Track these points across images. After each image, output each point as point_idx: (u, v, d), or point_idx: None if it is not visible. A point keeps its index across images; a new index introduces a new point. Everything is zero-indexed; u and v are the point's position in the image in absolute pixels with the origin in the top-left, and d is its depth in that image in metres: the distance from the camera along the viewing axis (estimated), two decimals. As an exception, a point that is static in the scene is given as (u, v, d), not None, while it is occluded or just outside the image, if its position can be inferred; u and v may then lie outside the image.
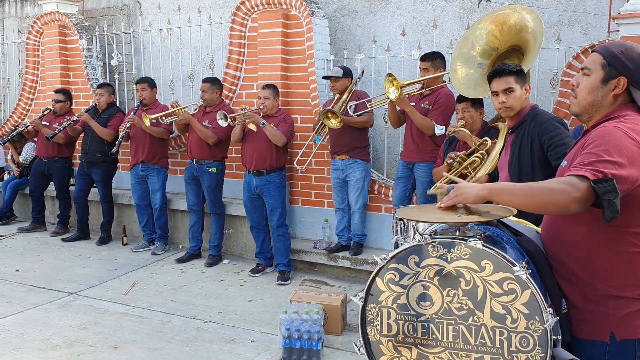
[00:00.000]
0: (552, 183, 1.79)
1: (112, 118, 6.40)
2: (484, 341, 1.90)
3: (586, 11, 5.29)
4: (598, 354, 1.91)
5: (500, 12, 4.21)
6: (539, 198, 1.78)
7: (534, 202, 1.80)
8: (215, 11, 6.85)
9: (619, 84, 1.90)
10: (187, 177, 5.85)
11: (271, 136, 5.20)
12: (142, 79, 6.23)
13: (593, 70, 1.93)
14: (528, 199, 1.81)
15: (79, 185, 6.64)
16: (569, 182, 1.75)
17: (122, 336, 4.07)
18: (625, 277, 1.88)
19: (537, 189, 1.80)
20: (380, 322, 2.04)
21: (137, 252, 6.21)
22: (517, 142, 3.11)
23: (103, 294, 4.95)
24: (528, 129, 3.08)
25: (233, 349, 3.90)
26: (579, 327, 1.95)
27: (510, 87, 3.10)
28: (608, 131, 1.82)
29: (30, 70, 7.74)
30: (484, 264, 1.88)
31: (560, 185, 1.75)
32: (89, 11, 8.17)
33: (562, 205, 1.75)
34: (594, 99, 1.94)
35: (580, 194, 1.72)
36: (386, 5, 6.15)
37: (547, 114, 3.19)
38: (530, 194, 1.81)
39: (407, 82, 4.80)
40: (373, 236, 5.61)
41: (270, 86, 5.39)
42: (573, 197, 1.73)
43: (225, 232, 6.10)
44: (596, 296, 1.91)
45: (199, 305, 4.69)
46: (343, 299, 4.25)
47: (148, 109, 6.12)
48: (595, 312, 1.91)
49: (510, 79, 3.11)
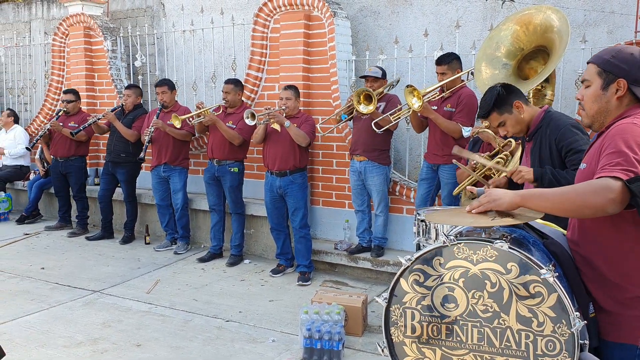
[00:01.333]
0: (585, 186, 1.78)
1: (137, 120, 6.48)
2: (509, 344, 1.88)
3: (612, 11, 5.21)
4: (628, 357, 1.88)
5: (525, 12, 4.17)
6: (573, 202, 1.78)
7: (568, 207, 1.80)
8: (237, 12, 6.89)
9: (620, 86, 1.93)
10: (208, 178, 5.88)
11: (295, 137, 5.21)
12: (161, 82, 6.26)
13: (592, 80, 2.00)
14: (562, 203, 1.81)
15: (103, 185, 6.72)
16: (603, 184, 1.74)
17: (145, 334, 4.11)
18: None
19: (570, 193, 1.80)
20: (404, 323, 2.03)
21: (160, 252, 6.26)
22: (536, 149, 3.07)
23: (126, 292, 5.00)
24: (545, 135, 3.03)
25: (254, 349, 3.92)
26: (608, 330, 1.92)
27: (500, 122, 3.09)
28: (626, 128, 1.83)
29: (56, 72, 7.87)
30: (510, 266, 1.87)
31: (593, 187, 1.75)
32: (114, 13, 8.27)
33: (598, 207, 1.74)
34: (599, 107, 1.98)
35: (615, 195, 1.71)
36: (408, 6, 6.13)
37: (563, 117, 3.11)
38: (564, 198, 1.81)
39: (427, 90, 4.76)
40: (394, 237, 5.59)
41: (291, 87, 5.41)
42: (609, 199, 1.72)
43: (246, 232, 6.13)
44: (627, 299, 1.89)
45: (221, 305, 4.71)
46: (364, 300, 4.24)
47: (169, 111, 6.18)
48: (625, 316, 1.89)
49: (494, 115, 3.07)
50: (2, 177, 7.87)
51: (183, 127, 6.08)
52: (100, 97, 7.49)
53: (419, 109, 4.61)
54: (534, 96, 4.11)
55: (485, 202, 1.97)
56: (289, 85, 5.47)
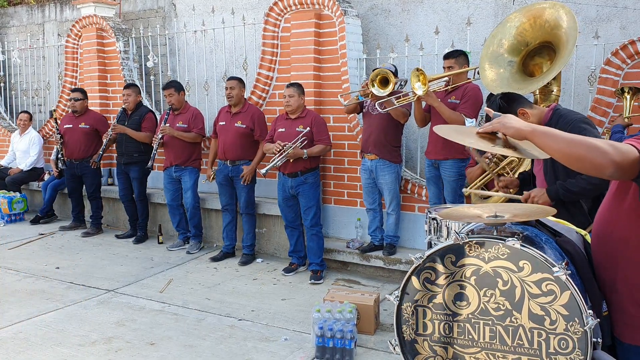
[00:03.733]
0: (599, 141, 1.70)
1: (144, 120, 6.52)
2: (522, 342, 1.88)
3: (625, 6, 5.16)
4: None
5: (537, 6, 4.14)
6: (578, 150, 1.70)
7: (571, 152, 1.72)
8: (248, 12, 6.91)
9: None
10: (221, 179, 5.89)
11: (317, 154, 5.35)
12: (168, 84, 6.25)
13: None
14: (567, 146, 1.73)
15: (121, 185, 6.77)
16: (618, 147, 1.66)
17: (158, 333, 4.14)
18: None
19: (580, 141, 1.72)
20: (416, 321, 2.04)
21: (173, 251, 6.30)
22: None
23: (139, 291, 5.04)
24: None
25: (267, 347, 3.93)
26: (627, 331, 1.89)
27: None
28: None
29: (69, 73, 7.94)
30: (522, 264, 1.86)
31: (605, 146, 1.67)
32: (126, 14, 8.32)
33: (597, 165, 1.66)
34: None
35: (622, 159, 1.64)
36: (419, 4, 6.11)
37: (572, 114, 3.08)
38: (572, 144, 1.72)
39: (434, 76, 4.71)
40: (406, 236, 5.58)
41: (294, 84, 5.42)
42: (612, 161, 1.64)
43: (259, 231, 6.15)
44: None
45: (233, 304, 4.73)
46: (376, 298, 4.24)
47: (179, 113, 6.21)
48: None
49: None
50: (17, 179, 7.96)
51: (192, 129, 6.13)
52: (113, 98, 7.54)
53: (422, 95, 4.56)
54: (540, 92, 4.08)
55: (495, 122, 1.91)
56: (291, 82, 5.50)
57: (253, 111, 5.79)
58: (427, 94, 4.57)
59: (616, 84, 4.69)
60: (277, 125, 5.48)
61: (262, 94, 6.32)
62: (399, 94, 5.00)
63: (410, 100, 4.89)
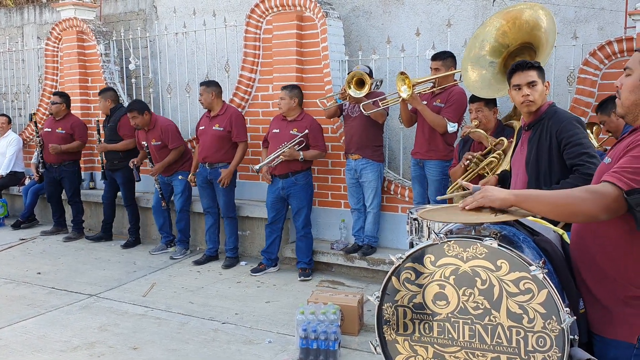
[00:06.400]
0: (582, 192, 1.76)
1: (121, 127, 6.45)
2: (501, 341, 1.90)
3: (602, 8, 5.23)
4: (624, 355, 1.87)
5: (516, 7, 4.19)
6: (567, 208, 1.77)
7: (561, 211, 1.79)
8: (230, 14, 6.90)
9: None
10: (201, 181, 5.88)
11: (312, 159, 5.39)
12: (130, 107, 6.08)
13: (634, 69, 1.87)
14: (555, 207, 1.80)
15: (106, 187, 6.73)
16: (598, 191, 1.72)
17: (142, 337, 4.12)
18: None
19: (565, 198, 1.78)
20: (397, 321, 2.04)
21: (155, 255, 6.26)
22: (534, 139, 3.07)
23: (122, 295, 5.00)
24: (547, 126, 3.03)
25: (250, 350, 3.92)
26: (605, 326, 1.92)
27: (533, 81, 3.03)
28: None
29: (49, 76, 7.86)
30: (500, 263, 1.88)
31: (588, 194, 1.73)
32: (106, 17, 8.26)
33: (590, 214, 1.74)
34: (636, 98, 1.87)
35: (609, 203, 1.70)
36: (400, 6, 6.14)
37: (566, 112, 3.16)
38: (559, 202, 1.79)
39: (419, 80, 4.79)
40: (389, 236, 5.61)
41: (287, 87, 5.44)
42: (601, 208, 1.71)
43: (243, 233, 6.14)
44: (627, 297, 1.87)
45: (217, 307, 4.72)
46: (360, 299, 4.25)
47: (149, 130, 6.14)
48: (625, 313, 1.87)
49: (533, 72, 3.05)
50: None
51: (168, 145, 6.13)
52: (94, 101, 7.47)
53: (407, 98, 4.63)
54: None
55: (479, 197, 1.95)
56: (286, 85, 5.50)
57: (231, 113, 5.78)
58: (412, 97, 4.63)
59: (594, 84, 4.75)
60: (272, 126, 5.51)
61: (245, 96, 6.31)
62: (385, 96, 5.05)
63: (396, 103, 4.96)
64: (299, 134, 5.30)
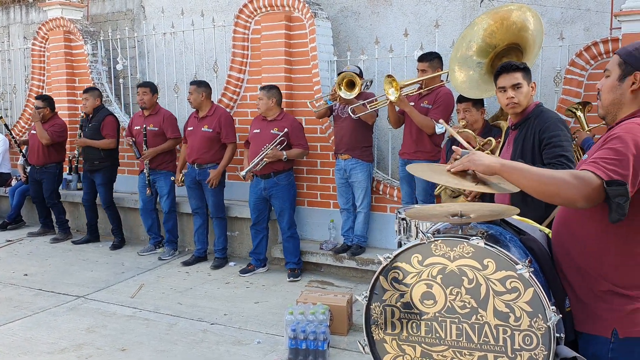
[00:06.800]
0: (566, 175, 1.76)
1: (104, 126, 6.42)
2: (487, 339, 1.91)
3: (588, 8, 5.28)
4: (601, 350, 1.90)
5: (503, 8, 4.21)
6: (549, 187, 1.77)
7: (543, 189, 1.79)
8: (218, 14, 6.88)
9: (636, 79, 1.91)
10: (189, 182, 5.86)
11: (295, 158, 5.41)
12: (145, 83, 6.24)
13: (612, 70, 1.96)
14: (539, 184, 1.80)
15: (85, 189, 6.68)
16: (583, 177, 1.73)
17: (130, 339, 4.10)
18: (632, 277, 1.88)
19: (549, 178, 1.78)
20: (385, 321, 2.05)
21: (144, 256, 6.23)
22: (520, 138, 3.10)
23: (110, 297, 4.98)
24: (532, 125, 3.07)
25: (239, 351, 3.92)
26: (585, 322, 1.95)
27: (518, 83, 3.07)
28: (631, 128, 1.81)
29: (36, 76, 7.80)
30: (486, 263, 1.89)
31: (572, 179, 1.74)
32: (94, 16, 8.21)
33: (569, 199, 1.75)
34: (614, 98, 1.95)
35: (589, 192, 1.72)
36: (388, 6, 6.16)
37: (552, 113, 3.18)
38: (542, 180, 1.79)
39: (406, 82, 4.81)
40: (378, 236, 5.62)
41: (265, 87, 5.45)
42: (582, 195, 1.72)
43: (231, 234, 6.12)
44: (602, 292, 1.91)
45: (205, 308, 4.70)
46: (349, 299, 4.26)
47: (149, 114, 6.15)
48: (599, 308, 1.91)
49: (518, 74, 3.09)
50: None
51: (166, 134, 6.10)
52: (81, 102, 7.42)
53: (394, 100, 4.66)
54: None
55: (465, 160, 1.96)
56: (263, 85, 5.52)
57: (220, 113, 5.77)
58: (400, 100, 4.66)
59: (581, 84, 4.79)
60: (253, 126, 5.52)
61: (233, 96, 6.30)
62: (372, 99, 5.06)
63: (384, 105, 4.98)
64: (280, 133, 5.30)
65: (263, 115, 5.42)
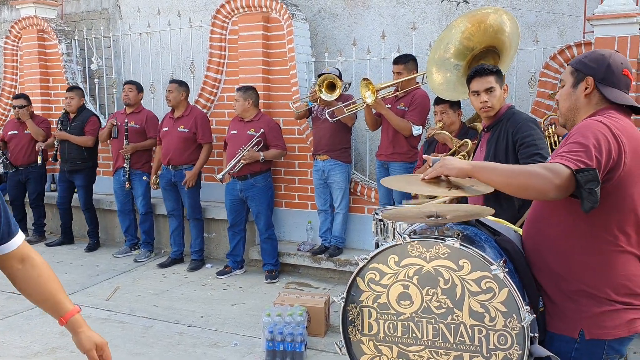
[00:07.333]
0: (536, 167, 1.79)
1: (87, 124, 6.36)
2: (463, 339, 1.92)
3: (562, 12, 5.36)
4: (566, 349, 1.92)
5: (480, 11, 4.25)
6: (520, 180, 1.80)
7: (514, 183, 1.82)
8: (195, 14, 6.83)
9: (588, 84, 1.99)
10: (164, 183, 5.81)
11: (272, 159, 5.40)
12: (132, 81, 6.24)
13: (566, 80, 2.06)
14: (509, 179, 1.83)
15: (61, 192, 6.58)
16: (552, 169, 1.76)
17: (105, 342, 4.04)
18: (600, 277, 1.90)
19: (519, 171, 1.82)
20: (361, 322, 2.05)
21: (119, 258, 6.16)
22: (493, 140, 3.15)
23: (85, 299, 4.90)
24: (504, 127, 3.12)
25: (216, 353, 3.89)
26: (552, 321, 1.97)
27: (491, 87, 3.12)
28: (590, 123, 1.87)
29: (8, 76, 7.65)
30: (462, 263, 1.90)
31: (543, 170, 1.76)
32: (68, 15, 8.09)
33: (541, 190, 1.77)
34: (570, 104, 2.04)
35: (560, 181, 1.74)
36: (366, 8, 6.18)
37: (523, 114, 3.23)
38: (512, 174, 1.82)
39: (382, 85, 4.85)
40: (355, 237, 5.63)
41: (241, 88, 5.43)
42: (554, 184, 1.74)
43: (208, 236, 6.09)
44: (570, 291, 1.93)
45: (182, 310, 4.67)
46: (326, 300, 4.26)
47: (131, 112, 6.09)
48: (567, 308, 1.93)
49: (491, 78, 3.13)
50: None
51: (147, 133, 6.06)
52: (55, 102, 7.32)
53: (371, 103, 4.69)
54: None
55: (437, 167, 1.98)
56: (240, 86, 5.49)
57: (196, 114, 5.74)
58: (376, 102, 4.68)
59: (555, 87, 4.86)
60: (231, 127, 5.50)
61: (210, 97, 6.27)
62: (349, 102, 5.07)
63: (360, 109, 4.99)
64: (256, 134, 5.29)
65: (240, 116, 5.40)
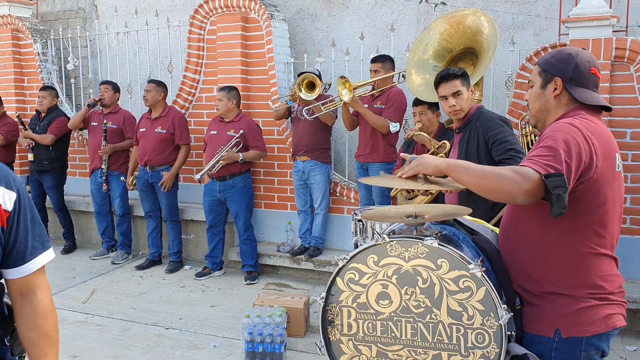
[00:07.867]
0: (507, 171, 1.80)
1: (53, 122, 6.25)
2: (442, 338, 1.94)
3: (538, 15, 5.43)
4: (545, 349, 1.94)
5: (459, 13, 4.29)
6: (491, 183, 1.81)
7: (485, 185, 1.83)
8: (173, 14, 6.78)
9: (556, 85, 2.00)
10: (142, 185, 5.76)
11: (252, 160, 5.39)
12: (107, 81, 6.17)
13: (534, 81, 2.08)
14: (481, 180, 1.84)
15: (34, 192, 6.48)
16: (523, 173, 1.77)
17: (81, 345, 3.99)
18: (576, 277, 1.92)
19: (491, 174, 1.83)
20: (341, 322, 2.06)
21: (96, 260, 6.08)
22: (464, 141, 3.22)
23: (61, 302, 4.83)
24: (474, 128, 3.19)
25: (195, 355, 3.86)
26: (529, 322, 1.99)
27: (458, 91, 3.21)
28: (561, 126, 1.88)
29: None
30: (440, 262, 1.92)
31: (513, 174, 1.78)
32: (44, 14, 7.97)
33: (511, 194, 1.78)
34: (539, 105, 2.06)
35: (530, 186, 1.75)
36: (345, 9, 6.20)
37: (492, 113, 3.31)
38: (485, 176, 1.84)
39: (359, 83, 4.85)
40: (335, 238, 5.64)
41: (224, 88, 5.39)
42: (523, 189, 1.75)
43: (186, 237, 6.04)
44: (545, 293, 1.95)
45: (160, 312, 4.63)
46: (306, 301, 4.26)
47: (109, 112, 6.02)
48: (543, 308, 1.95)
49: (457, 82, 3.21)
50: None
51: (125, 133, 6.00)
52: (31, 102, 7.19)
53: (348, 101, 4.69)
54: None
55: (414, 165, 2.00)
56: (223, 86, 5.47)
57: (173, 115, 5.69)
58: (353, 100, 4.69)
59: (531, 88, 4.92)
60: (210, 128, 5.47)
61: (189, 97, 6.22)
62: (326, 100, 5.07)
63: (337, 106, 4.99)
64: (236, 135, 5.27)
65: (221, 116, 5.37)
